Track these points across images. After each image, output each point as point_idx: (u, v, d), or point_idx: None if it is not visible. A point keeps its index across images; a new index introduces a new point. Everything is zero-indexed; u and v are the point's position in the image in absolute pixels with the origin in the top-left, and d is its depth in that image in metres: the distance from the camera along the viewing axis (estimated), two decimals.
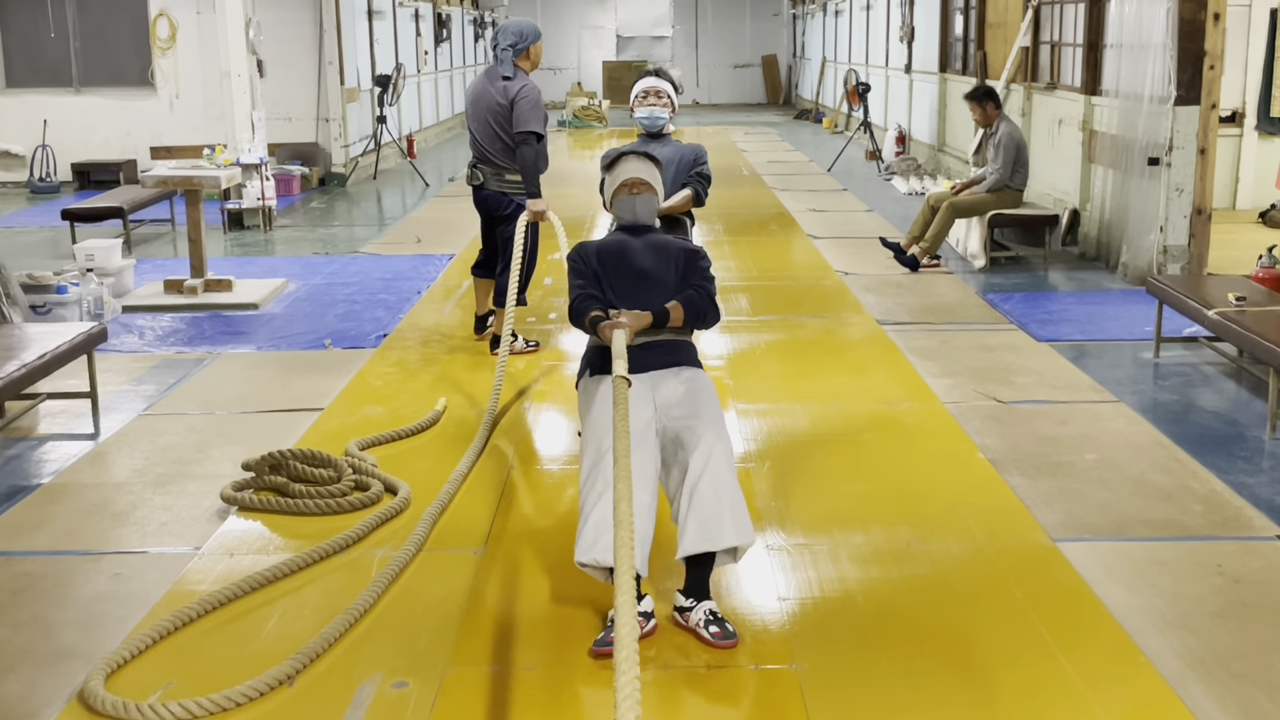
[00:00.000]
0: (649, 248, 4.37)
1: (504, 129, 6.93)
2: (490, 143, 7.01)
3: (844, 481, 5.17)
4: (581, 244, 4.45)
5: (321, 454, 5.13)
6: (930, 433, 5.78)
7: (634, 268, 4.30)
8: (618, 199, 4.49)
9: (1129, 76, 9.29)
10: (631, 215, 4.46)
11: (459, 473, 5.23)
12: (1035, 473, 5.23)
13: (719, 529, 3.75)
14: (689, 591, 3.88)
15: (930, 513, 4.79)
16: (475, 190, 7.21)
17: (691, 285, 4.29)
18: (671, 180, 5.93)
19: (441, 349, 7.48)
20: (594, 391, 4.12)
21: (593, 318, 4.14)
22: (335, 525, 4.73)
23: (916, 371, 6.79)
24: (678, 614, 3.88)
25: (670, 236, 4.56)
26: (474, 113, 7.09)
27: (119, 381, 6.82)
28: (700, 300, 4.25)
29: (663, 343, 4.21)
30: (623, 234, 4.48)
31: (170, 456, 5.59)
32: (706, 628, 3.78)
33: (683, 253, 4.38)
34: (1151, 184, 8.99)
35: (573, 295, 4.30)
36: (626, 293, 4.26)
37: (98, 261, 8.77)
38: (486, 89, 7.02)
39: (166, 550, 4.58)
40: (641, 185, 4.46)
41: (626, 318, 4.08)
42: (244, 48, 12.10)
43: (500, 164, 7.01)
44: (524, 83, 6.92)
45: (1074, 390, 6.44)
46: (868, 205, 13.44)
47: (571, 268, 4.38)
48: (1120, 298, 8.64)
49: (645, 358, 4.12)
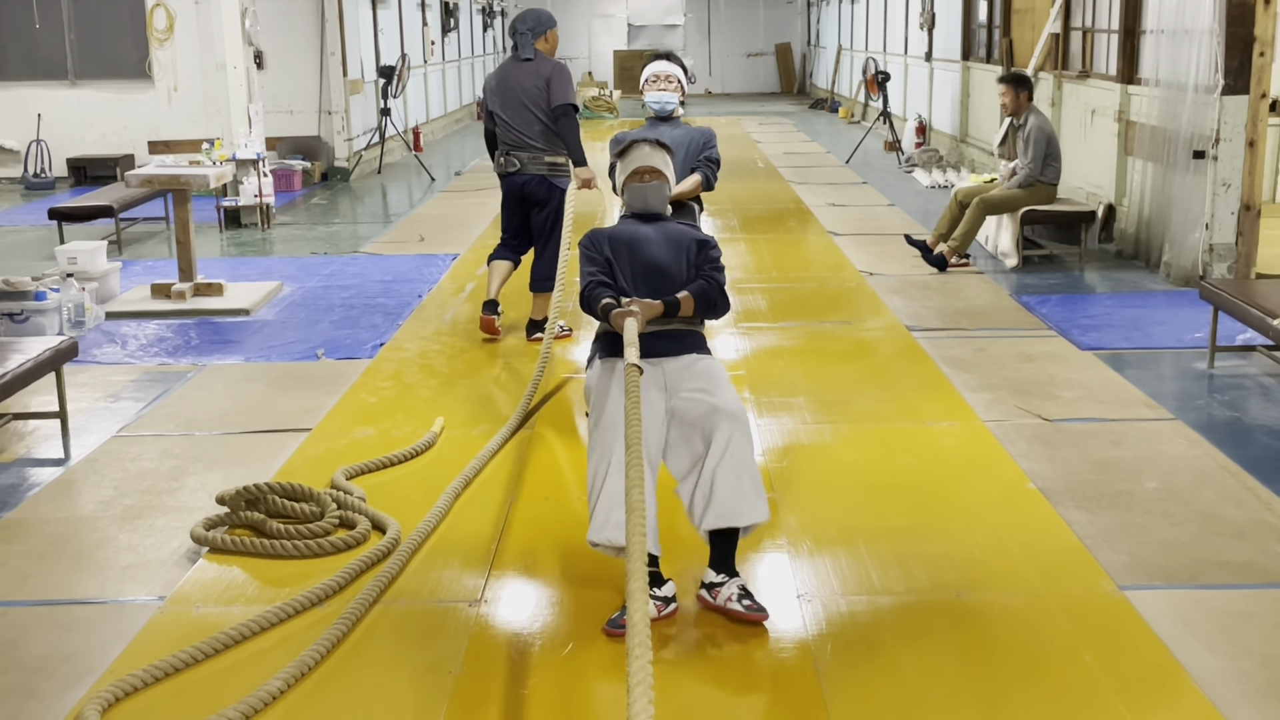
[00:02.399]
0: (660, 236, 4.36)
1: (541, 109, 6.94)
2: (526, 126, 6.98)
3: (880, 516, 4.66)
4: (593, 231, 4.40)
5: (303, 488, 4.65)
6: (973, 457, 5.28)
7: (645, 256, 4.30)
8: (629, 187, 4.48)
9: (1170, 64, 8.74)
10: (643, 203, 4.45)
11: (454, 489, 4.77)
12: (1092, 505, 4.72)
13: (747, 503, 3.80)
14: (717, 566, 3.91)
15: (980, 556, 4.28)
16: (509, 178, 7.11)
17: (702, 275, 4.28)
18: (681, 164, 5.87)
19: (441, 359, 7.00)
20: (603, 376, 4.10)
21: (604, 305, 4.13)
22: (316, 569, 4.26)
23: (952, 385, 6.28)
24: (705, 591, 3.90)
25: (681, 225, 4.52)
26: (504, 100, 7.04)
27: (94, 397, 6.35)
28: (711, 290, 4.24)
29: (673, 331, 4.20)
30: (633, 221, 4.46)
31: (141, 485, 5.11)
32: (740, 601, 3.81)
33: (694, 242, 4.37)
34: (1196, 178, 8.45)
35: (584, 282, 4.26)
36: (637, 280, 4.27)
37: (80, 265, 8.31)
38: (514, 75, 7.04)
39: (127, 600, 4.11)
40: (653, 173, 4.46)
41: (638, 306, 4.06)
42: (240, 38, 11.61)
43: (539, 146, 6.99)
44: (553, 61, 7.05)
45: (1125, 406, 5.93)
46: (889, 199, 12.91)
47: (583, 254, 4.33)
48: (1164, 300, 8.12)
49: (655, 345, 4.12)
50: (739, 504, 3.80)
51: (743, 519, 3.81)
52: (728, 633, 3.81)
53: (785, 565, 4.26)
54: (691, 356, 4.17)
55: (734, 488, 3.79)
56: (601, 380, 4.08)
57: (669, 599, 3.88)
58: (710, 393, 3.96)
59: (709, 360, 4.20)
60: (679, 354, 4.16)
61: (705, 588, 3.92)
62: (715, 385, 4.02)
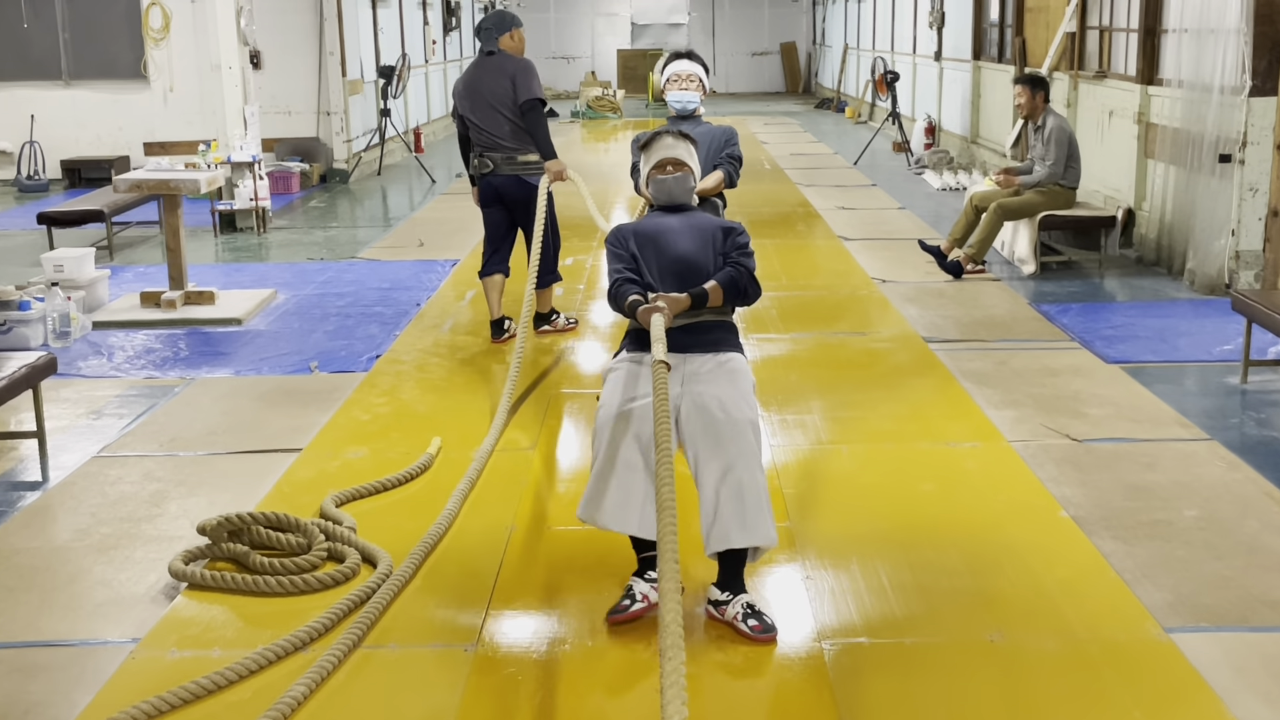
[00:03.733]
0: (686, 228, 4.29)
1: (509, 108, 6.94)
2: (496, 127, 6.99)
3: (904, 548, 4.37)
4: (618, 226, 4.36)
5: (288, 518, 4.36)
6: (1000, 482, 4.98)
7: (672, 249, 4.23)
8: (653, 179, 4.41)
9: (1194, 64, 8.44)
10: (667, 196, 4.39)
11: (449, 513, 4.48)
12: (1129, 535, 4.43)
13: (754, 524, 3.69)
14: (724, 585, 3.83)
15: (1013, 594, 3.99)
16: (484, 179, 7.09)
17: (730, 262, 4.21)
18: (703, 161, 5.84)
19: (440, 372, 6.72)
20: (621, 368, 4.04)
21: (631, 302, 4.07)
22: (302, 607, 3.97)
23: (974, 401, 5.99)
24: (712, 607, 3.83)
25: (706, 214, 4.47)
26: (473, 104, 7.05)
27: (76, 414, 6.08)
28: (740, 277, 4.17)
29: (702, 324, 4.12)
30: (659, 214, 4.40)
31: (120, 512, 4.83)
32: (745, 621, 3.73)
33: (720, 230, 4.30)
34: (1221, 183, 8.16)
35: (611, 279, 4.22)
36: (665, 274, 4.20)
37: (67, 272, 8.02)
38: (480, 76, 7.05)
39: (98, 642, 3.83)
40: (677, 165, 4.40)
41: (665, 302, 3.99)
42: (235, 38, 11.34)
43: (510, 146, 6.99)
44: (518, 58, 7.05)
45: (1157, 425, 5.63)
46: (899, 202, 12.62)
47: (609, 251, 4.30)
48: (1190, 310, 7.82)
49: (684, 340, 4.04)
50: (740, 527, 3.68)
51: (743, 541, 3.69)
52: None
53: (804, 603, 3.98)
54: (718, 357, 4.05)
55: (736, 511, 3.67)
56: (617, 369, 4.05)
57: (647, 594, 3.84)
58: (724, 404, 3.81)
59: (735, 362, 4.06)
60: (706, 351, 4.07)
61: (712, 604, 3.85)
62: (731, 394, 3.86)
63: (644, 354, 3.97)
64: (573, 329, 7.45)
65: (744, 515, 3.67)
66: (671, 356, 3.86)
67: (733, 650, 3.67)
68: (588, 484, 3.80)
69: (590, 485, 3.78)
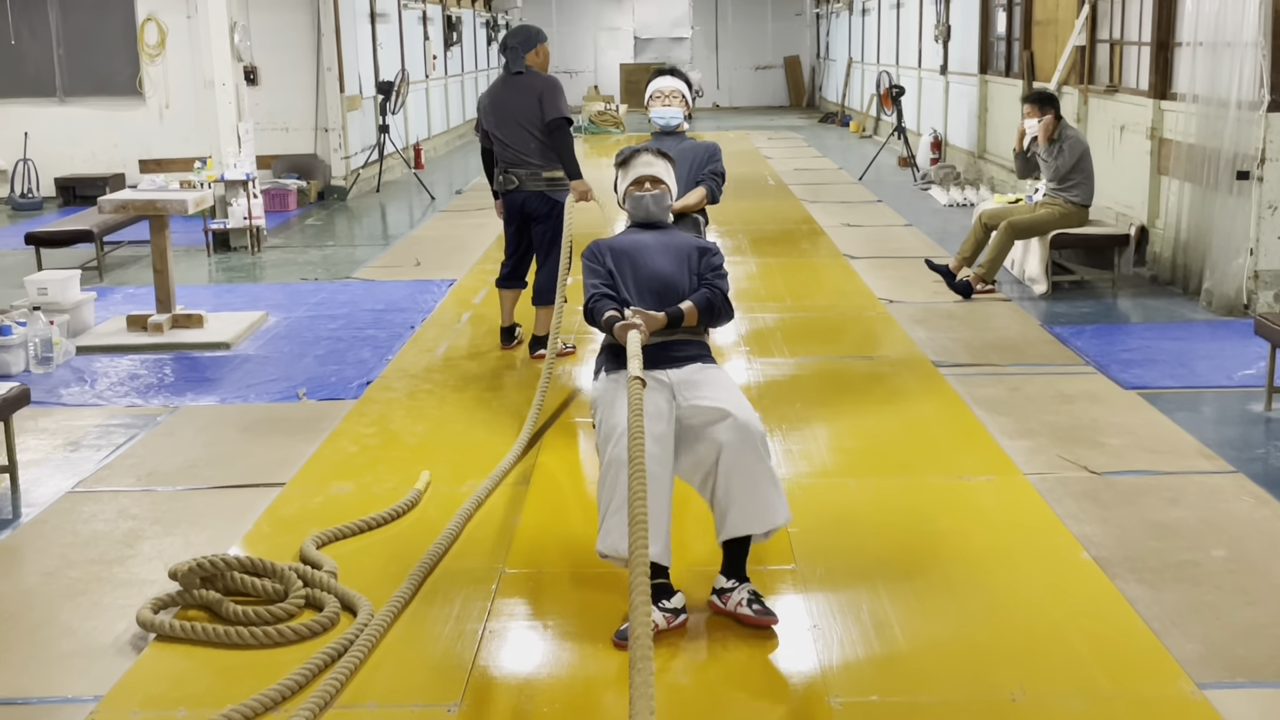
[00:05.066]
0: (662, 245, 4.34)
1: (535, 126, 6.89)
2: (522, 144, 6.94)
3: (918, 595, 4.12)
4: (595, 242, 4.38)
5: (265, 562, 4.13)
6: (1017, 520, 4.73)
7: (647, 266, 4.27)
8: (631, 196, 4.45)
9: (1210, 79, 8.21)
10: (644, 213, 4.43)
11: (434, 553, 4.24)
12: (1155, 579, 4.18)
13: (765, 509, 3.81)
14: (729, 572, 3.91)
15: (1035, 647, 3.74)
16: (508, 196, 7.06)
17: (705, 283, 4.26)
18: (685, 178, 5.86)
19: (431, 401, 6.48)
20: (609, 390, 4.05)
21: (608, 318, 4.09)
22: (277, 661, 3.73)
23: (987, 431, 5.75)
24: (716, 597, 3.91)
25: (683, 233, 4.53)
26: (499, 119, 6.99)
27: (53, 445, 5.84)
28: (715, 299, 4.22)
29: (676, 342, 4.17)
30: (636, 231, 4.45)
31: (91, 553, 4.60)
32: (749, 605, 3.82)
33: (695, 249, 4.34)
34: (1239, 200, 7.92)
35: (588, 294, 4.24)
36: (641, 291, 4.24)
37: (51, 295, 7.80)
38: (507, 93, 6.99)
39: (57, 700, 3.58)
40: (654, 182, 4.44)
41: (641, 318, 4.03)
42: (229, 54, 11.13)
43: (535, 163, 6.96)
44: (545, 76, 7.01)
45: (1179, 456, 5.39)
46: (906, 219, 12.38)
47: (586, 266, 4.32)
48: (1208, 332, 7.57)
49: (659, 356, 4.09)
50: (755, 511, 3.80)
51: (760, 525, 3.83)
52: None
53: (812, 654, 3.73)
54: (696, 365, 4.14)
55: (749, 494, 3.80)
56: (606, 393, 4.06)
57: (678, 610, 3.84)
58: (718, 399, 3.93)
59: (714, 368, 4.18)
60: (683, 364, 4.13)
61: (716, 593, 3.92)
62: (722, 391, 3.99)
63: (623, 373, 3.95)
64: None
65: (761, 501, 3.80)
66: (655, 371, 3.96)
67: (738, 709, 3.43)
68: (604, 519, 3.79)
69: (608, 519, 3.78)
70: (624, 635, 3.72)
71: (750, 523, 3.81)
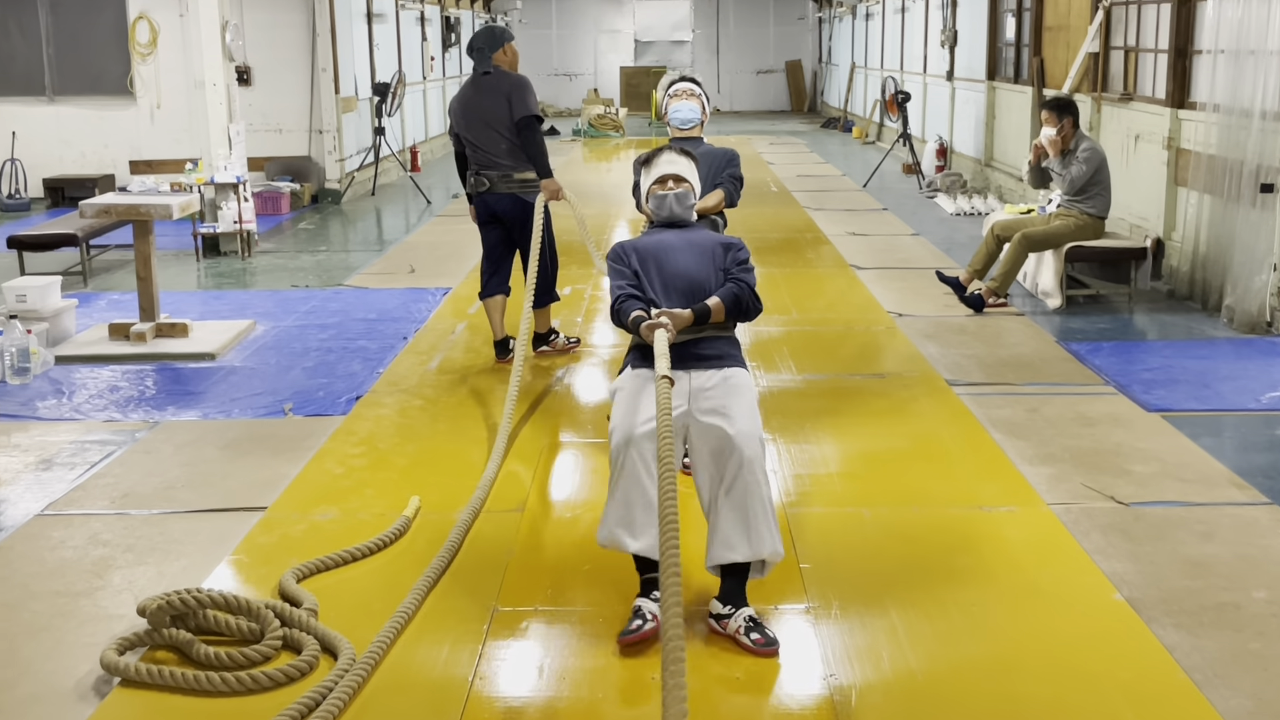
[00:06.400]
0: (686, 244, 4.30)
1: (505, 126, 6.82)
2: (492, 145, 6.87)
3: (944, 641, 3.83)
4: (619, 243, 4.34)
5: (240, 599, 3.84)
6: (1043, 555, 4.45)
7: (673, 265, 4.23)
8: (654, 195, 4.43)
9: (1231, 87, 7.93)
10: (668, 212, 4.40)
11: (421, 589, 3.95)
12: (1193, 624, 3.91)
13: (751, 538, 3.74)
14: (725, 599, 3.83)
15: (1070, 700, 3.46)
16: (480, 197, 6.97)
17: (731, 278, 4.20)
18: (704, 181, 5.71)
19: (423, 418, 6.20)
20: (632, 384, 4.00)
21: (635, 318, 4.05)
22: (250, 709, 3.45)
23: (1007, 457, 5.47)
24: (714, 621, 3.83)
25: (706, 230, 4.48)
26: (468, 122, 6.93)
27: (25, 463, 5.56)
28: (743, 294, 4.16)
29: (705, 339, 4.12)
30: (659, 231, 4.41)
31: (57, 584, 4.31)
32: (747, 634, 3.73)
33: (720, 245, 4.30)
34: (1263, 214, 7.65)
35: (613, 295, 4.21)
36: (667, 290, 4.19)
37: (30, 302, 7.52)
38: (475, 95, 6.93)
39: None
40: (678, 180, 4.41)
41: (668, 317, 3.99)
42: (219, 54, 10.85)
43: (506, 164, 6.88)
44: (513, 75, 6.94)
45: (1210, 485, 5.11)
46: (912, 228, 12.11)
47: (610, 268, 4.29)
48: (1230, 350, 7.30)
49: (687, 355, 4.04)
50: (739, 539, 3.74)
51: (746, 554, 3.75)
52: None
53: (828, 707, 3.45)
54: (723, 372, 4.05)
55: (735, 523, 3.75)
56: (628, 386, 4.01)
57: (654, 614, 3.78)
58: (727, 418, 3.85)
59: (739, 377, 4.07)
60: (710, 367, 4.06)
61: (714, 618, 3.85)
62: (735, 409, 3.89)
63: (649, 370, 3.97)
64: (573, 349, 7.30)
65: (748, 528, 3.73)
66: (675, 372, 3.85)
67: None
68: (606, 508, 3.81)
69: (610, 510, 3.80)
70: (629, 633, 3.73)
71: (734, 550, 3.75)
